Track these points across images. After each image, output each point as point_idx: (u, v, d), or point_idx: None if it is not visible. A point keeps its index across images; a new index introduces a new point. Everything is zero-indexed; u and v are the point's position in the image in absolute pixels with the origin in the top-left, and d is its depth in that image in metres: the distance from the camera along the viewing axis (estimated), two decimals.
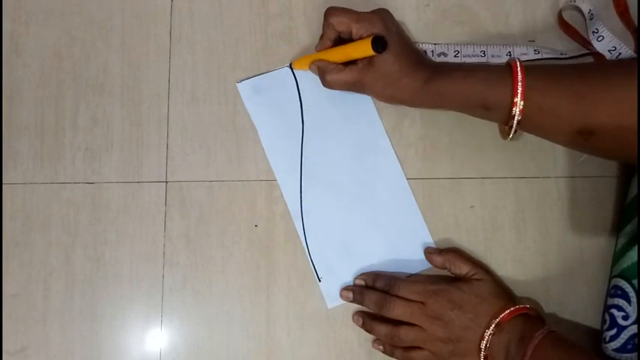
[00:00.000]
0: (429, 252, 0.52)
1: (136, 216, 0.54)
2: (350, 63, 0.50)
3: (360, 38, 0.48)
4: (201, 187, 0.54)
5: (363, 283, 0.52)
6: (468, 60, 0.54)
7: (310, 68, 0.52)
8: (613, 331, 0.47)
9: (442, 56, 0.54)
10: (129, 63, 0.55)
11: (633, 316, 0.46)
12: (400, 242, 0.53)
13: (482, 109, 0.48)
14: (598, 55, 0.54)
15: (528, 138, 0.54)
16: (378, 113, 0.54)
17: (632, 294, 0.46)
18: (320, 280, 0.53)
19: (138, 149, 0.54)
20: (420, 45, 0.55)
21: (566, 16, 0.55)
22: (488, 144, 0.54)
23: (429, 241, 0.53)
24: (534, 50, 0.54)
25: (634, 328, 0.45)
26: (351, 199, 0.53)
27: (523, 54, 0.54)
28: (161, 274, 0.53)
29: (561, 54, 0.54)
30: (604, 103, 0.43)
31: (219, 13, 0.56)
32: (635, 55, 0.53)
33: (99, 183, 0.54)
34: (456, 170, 0.54)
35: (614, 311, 0.47)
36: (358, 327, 0.52)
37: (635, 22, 0.54)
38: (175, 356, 0.52)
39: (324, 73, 0.50)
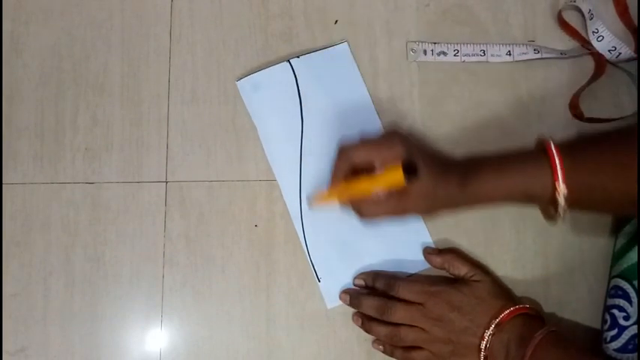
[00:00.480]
0: (427, 252, 0.52)
1: (136, 216, 0.54)
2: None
3: (384, 166, 0.46)
4: (201, 187, 0.54)
5: (362, 283, 0.52)
6: (467, 59, 0.54)
7: (341, 201, 0.50)
8: (614, 332, 0.47)
9: (442, 55, 0.54)
10: (129, 63, 0.55)
11: (634, 317, 0.46)
12: (399, 242, 0.53)
13: (525, 201, 0.47)
14: (598, 55, 0.54)
15: (528, 137, 0.54)
16: (378, 113, 0.54)
17: (632, 294, 0.46)
18: (319, 281, 0.53)
19: (138, 149, 0.54)
20: (420, 44, 0.55)
21: (566, 16, 0.55)
22: (489, 144, 0.54)
23: (429, 241, 0.53)
24: (534, 50, 0.54)
25: (635, 329, 0.45)
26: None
27: (523, 53, 0.54)
28: (161, 274, 0.53)
29: (561, 54, 0.54)
30: None
31: (219, 13, 0.56)
32: (634, 56, 0.53)
33: (99, 183, 0.54)
34: None
35: (615, 311, 0.47)
36: (358, 327, 0.52)
37: (635, 22, 0.54)
38: (175, 356, 0.52)
39: (360, 208, 0.48)
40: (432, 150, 0.49)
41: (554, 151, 0.44)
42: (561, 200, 0.44)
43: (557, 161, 0.44)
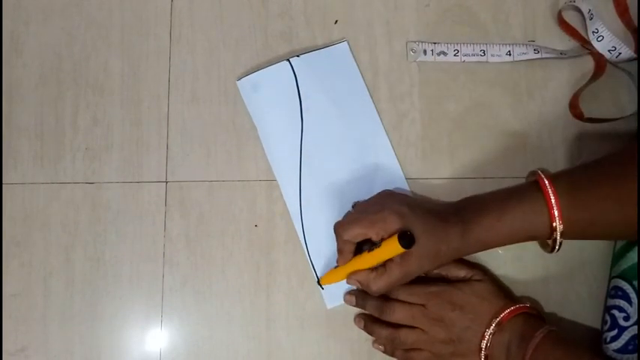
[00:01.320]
0: None
1: (136, 216, 0.54)
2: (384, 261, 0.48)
3: (382, 239, 0.46)
4: (201, 187, 0.54)
5: None
6: (467, 59, 0.54)
7: (349, 282, 0.49)
8: (614, 332, 0.47)
9: (442, 55, 0.54)
10: (129, 63, 0.55)
11: (634, 317, 0.46)
12: None
13: (528, 239, 0.47)
14: (598, 55, 0.54)
15: (528, 138, 0.54)
16: (378, 113, 0.54)
17: (632, 295, 0.46)
18: (319, 281, 0.53)
19: (138, 149, 0.54)
20: (420, 44, 0.55)
21: (566, 16, 0.55)
22: (489, 144, 0.54)
23: None
24: (534, 50, 0.54)
25: (635, 329, 0.45)
26: (351, 199, 0.53)
27: (523, 54, 0.54)
28: (161, 274, 0.53)
29: (561, 54, 0.54)
30: None
31: (219, 13, 0.56)
32: (634, 56, 0.53)
33: (99, 183, 0.54)
34: (456, 170, 0.54)
35: (615, 312, 0.47)
36: (358, 327, 0.52)
37: (635, 22, 0.54)
38: (175, 356, 0.52)
39: (368, 285, 0.47)
40: (426, 206, 0.48)
41: (549, 190, 0.44)
42: (558, 237, 0.44)
43: (552, 201, 0.44)
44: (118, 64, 0.55)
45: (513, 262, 0.53)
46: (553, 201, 0.44)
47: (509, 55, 0.54)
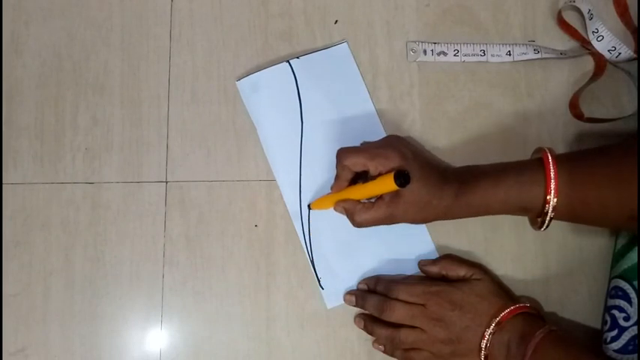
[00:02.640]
0: (422, 264, 0.52)
1: (136, 216, 0.54)
2: (375, 197, 0.48)
3: (379, 174, 0.47)
4: (201, 187, 0.54)
5: (365, 287, 0.52)
6: (467, 59, 0.54)
7: (336, 209, 0.50)
8: (614, 332, 0.47)
9: (442, 55, 0.54)
10: (129, 63, 0.55)
11: (634, 317, 0.46)
12: (399, 242, 0.53)
13: (520, 212, 0.47)
14: (598, 55, 0.54)
15: (528, 138, 0.54)
16: (378, 113, 0.54)
17: (632, 295, 0.46)
18: (319, 281, 0.53)
19: (138, 149, 0.54)
20: (420, 44, 0.55)
21: (565, 16, 0.55)
22: (489, 144, 0.54)
23: (428, 241, 0.53)
24: (534, 50, 0.54)
25: (635, 329, 0.45)
26: None
27: (523, 54, 0.54)
28: (161, 274, 0.53)
29: (561, 54, 0.54)
30: None
31: (219, 13, 0.56)
32: (634, 56, 0.53)
33: (99, 183, 0.54)
34: None
35: (615, 312, 0.47)
36: (358, 327, 0.52)
37: (635, 22, 0.54)
38: (175, 356, 0.52)
39: (353, 214, 0.48)
40: (429, 159, 0.49)
41: (550, 162, 0.44)
42: (550, 211, 0.44)
43: (551, 172, 0.44)
44: (118, 64, 0.55)
45: (513, 262, 0.53)
46: (552, 174, 0.44)
47: (509, 55, 0.54)
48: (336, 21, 0.56)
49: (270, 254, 0.53)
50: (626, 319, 0.46)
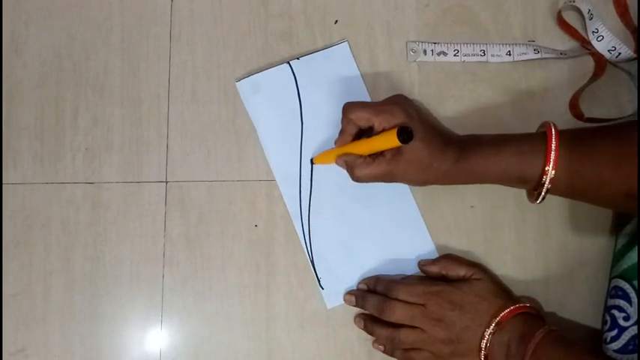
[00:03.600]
0: (422, 264, 0.52)
1: (136, 216, 0.54)
2: (376, 154, 0.48)
3: (383, 130, 0.47)
4: (201, 187, 0.54)
5: (365, 287, 0.52)
6: (467, 59, 0.54)
7: (337, 162, 0.51)
8: (614, 332, 0.47)
9: (442, 55, 0.54)
10: (129, 63, 0.55)
11: (634, 317, 0.46)
12: (399, 242, 0.53)
13: (518, 182, 0.47)
14: (598, 55, 0.54)
15: None
16: None
17: (632, 295, 0.46)
18: (319, 281, 0.53)
19: (138, 149, 0.54)
20: (420, 44, 0.55)
21: (565, 16, 0.55)
22: None
23: (429, 241, 0.53)
24: (534, 50, 0.54)
25: (635, 329, 0.45)
26: (350, 199, 0.53)
27: (523, 54, 0.54)
28: (161, 274, 0.53)
29: (561, 54, 0.54)
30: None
31: (219, 13, 0.56)
32: (634, 56, 0.53)
33: (99, 183, 0.54)
34: None
35: (615, 312, 0.47)
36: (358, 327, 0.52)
37: (635, 22, 0.54)
38: (175, 356, 0.52)
39: (353, 168, 0.48)
40: (434, 123, 0.50)
41: (553, 135, 0.45)
42: (547, 182, 0.45)
43: (553, 144, 0.44)
44: (118, 64, 0.55)
45: (513, 262, 0.53)
46: (554, 146, 0.44)
47: (509, 55, 0.54)
48: (336, 21, 0.56)
49: (270, 254, 0.53)
50: (626, 318, 0.46)
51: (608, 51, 0.53)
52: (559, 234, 0.53)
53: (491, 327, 0.46)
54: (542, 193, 0.46)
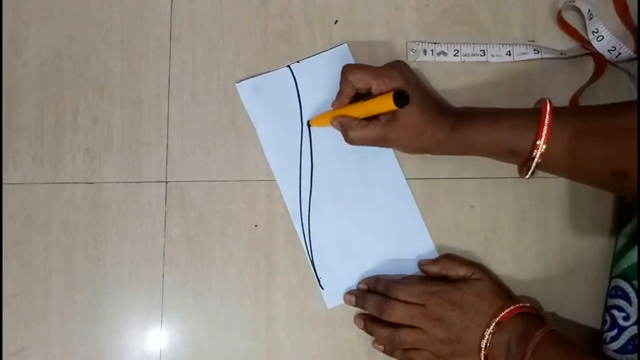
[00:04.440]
0: (422, 264, 0.52)
1: (136, 216, 0.54)
2: (372, 118, 0.49)
3: (381, 94, 0.47)
4: (201, 187, 0.54)
5: (365, 287, 0.52)
6: (467, 59, 0.54)
7: (332, 124, 0.51)
8: (614, 332, 0.47)
9: (442, 55, 0.54)
10: (129, 63, 0.55)
11: (634, 317, 0.46)
12: (399, 242, 0.53)
13: (509, 156, 0.47)
14: (598, 55, 0.54)
15: None
16: None
17: (632, 294, 0.46)
18: (319, 281, 0.53)
19: (138, 149, 0.54)
20: (420, 44, 0.55)
21: (565, 16, 0.55)
22: None
23: (429, 241, 0.53)
24: (534, 50, 0.54)
25: (635, 329, 0.45)
26: (351, 199, 0.53)
27: (523, 54, 0.54)
28: (161, 274, 0.53)
29: (561, 54, 0.54)
30: (637, 144, 0.42)
31: (219, 13, 0.56)
32: (634, 56, 0.53)
33: (99, 183, 0.54)
34: (456, 170, 0.54)
35: (615, 312, 0.47)
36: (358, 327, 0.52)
37: (635, 22, 0.54)
38: (175, 356, 0.52)
39: (348, 130, 0.49)
40: (432, 92, 0.51)
41: (547, 110, 0.45)
42: (537, 156, 0.45)
43: (546, 119, 0.45)
44: (118, 64, 0.55)
45: (514, 262, 0.53)
46: (547, 121, 0.45)
47: (509, 55, 0.54)
48: (336, 21, 0.56)
49: (270, 254, 0.53)
50: (626, 318, 0.46)
51: (608, 51, 0.53)
52: (559, 234, 0.53)
53: (491, 327, 0.46)
54: (532, 168, 0.46)
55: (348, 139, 0.49)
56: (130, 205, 0.54)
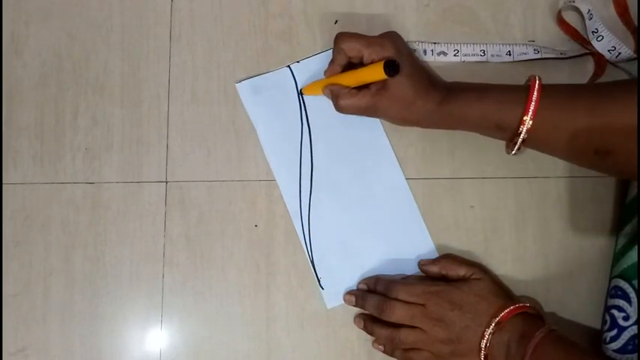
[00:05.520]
0: (422, 264, 0.52)
1: (136, 216, 0.54)
2: (362, 87, 0.49)
3: (372, 63, 0.48)
4: (201, 187, 0.54)
5: (365, 287, 0.52)
6: (467, 59, 0.54)
7: (324, 92, 0.51)
8: (613, 332, 0.47)
9: (442, 55, 0.54)
10: (129, 63, 0.55)
11: (634, 317, 0.46)
12: (399, 242, 0.53)
13: (496, 130, 0.47)
14: (598, 55, 0.54)
15: None
16: None
17: (632, 294, 0.46)
18: (320, 281, 0.53)
19: (138, 149, 0.54)
20: (420, 44, 0.55)
21: (565, 16, 0.55)
22: (488, 144, 0.54)
23: (429, 241, 0.53)
24: (534, 50, 0.54)
25: (634, 329, 0.45)
26: (351, 199, 0.53)
27: (523, 54, 0.54)
28: (161, 274, 0.53)
29: (561, 54, 0.54)
30: (620, 123, 0.42)
31: (219, 13, 0.56)
32: (634, 56, 0.53)
33: (99, 183, 0.54)
34: (456, 170, 0.54)
35: (615, 312, 0.47)
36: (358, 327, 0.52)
37: (635, 22, 0.54)
38: (175, 356, 0.52)
39: (338, 98, 0.49)
40: (423, 65, 0.51)
41: (536, 87, 0.45)
42: (523, 132, 0.45)
43: (534, 95, 0.45)
44: (118, 64, 0.55)
45: (514, 262, 0.53)
46: (535, 97, 0.45)
47: (509, 55, 0.54)
48: (336, 21, 0.56)
49: (270, 254, 0.53)
50: (626, 318, 0.46)
51: (608, 51, 0.53)
52: (559, 234, 0.53)
53: (491, 327, 0.46)
54: (518, 143, 0.46)
55: (338, 107, 0.50)
56: (130, 205, 0.54)
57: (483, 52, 0.54)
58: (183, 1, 0.56)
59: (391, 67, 0.45)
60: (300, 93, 0.54)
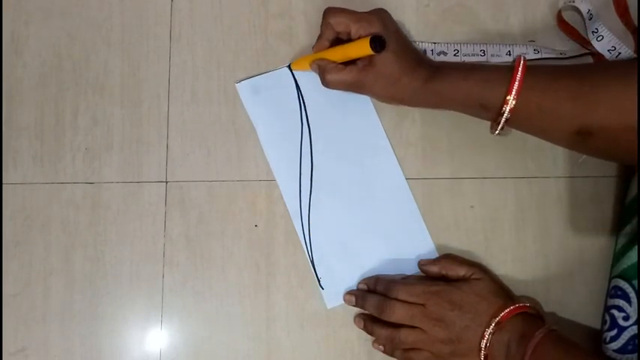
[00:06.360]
0: (422, 264, 0.52)
1: (136, 216, 0.54)
2: (350, 63, 0.50)
3: (359, 38, 0.48)
4: (201, 187, 0.54)
5: (365, 287, 0.52)
6: (467, 59, 0.54)
7: (311, 67, 0.51)
8: (613, 332, 0.47)
9: (442, 55, 0.54)
10: (129, 63, 0.55)
11: (634, 317, 0.46)
12: (399, 242, 0.53)
13: (480, 110, 0.48)
14: (598, 55, 0.54)
15: (528, 137, 0.54)
16: (378, 113, 0.54)
17: (632, 294, 0.46)
18: (320, 281, 0.53)
19: (138, 149, 0.54)
20: (420, 44, 0.55)
21: (565, 16, 0.55)
22: (489, 144, 0.54)
23: (429, 241, 0.53)
24: (534, 50, 0.54)
25: (634, 329, 0.45)
26: (351, 199, 0.53)
27: (523, 54, 0.54)
28: (161, 274, 0.53)
29: (561, 54, 0.54)
30: (603, 103, 0.43)
31: (219, 13, 0.56)
32: (634, 55, 0.53)
33: (99, 183, 0.54)
34: (456, 170, 0.54)
35: (615, 312, 0.47)
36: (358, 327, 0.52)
37: (635, 22, 0.54)
38: (175, 356, 0.52)
39: (324, 72, 0.50)
40: (410, 44, 0.51)
41: (520, 66, 0.45)
42: (506, 112, 0.45)
43: (518, 75, 0.45)
44: (118, 64, 0.55)
45: (514, 262, 0.53)
46: (519, 77, 0.45)
47: (509, 55, 0.54)
48: None
49: (270, 254, 0.53)
50: (626, 318, 0.46)
51: (608, 51, 0.53)
52: (559, 234, 0.53)
53: (491, 327, 0.46)
54: (501, 123, 0.46)
55: (325, 82, 0.50)
56: (130, 205, 0.54)
57: (483, 52, 0.54)
58: (183, 1, 0.56)
59: (377, 43, 0.46)
60: (288, 68, 0.54)
